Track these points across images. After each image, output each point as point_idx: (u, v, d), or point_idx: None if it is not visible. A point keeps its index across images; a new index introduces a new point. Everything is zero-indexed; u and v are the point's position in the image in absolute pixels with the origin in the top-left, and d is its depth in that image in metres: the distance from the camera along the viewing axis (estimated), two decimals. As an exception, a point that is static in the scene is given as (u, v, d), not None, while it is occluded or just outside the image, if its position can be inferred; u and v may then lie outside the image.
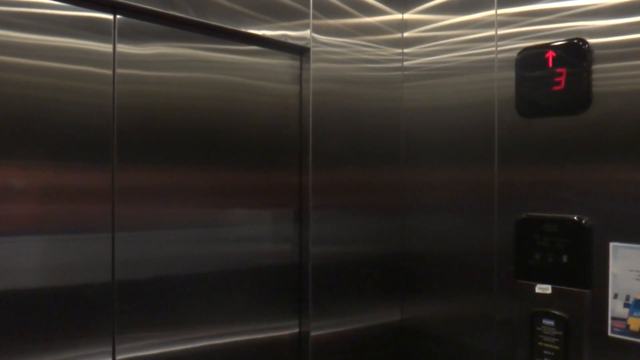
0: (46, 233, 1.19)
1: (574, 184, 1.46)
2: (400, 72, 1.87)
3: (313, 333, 1.63)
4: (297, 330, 1.66)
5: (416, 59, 1.85)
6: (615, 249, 1.38)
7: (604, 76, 1.41)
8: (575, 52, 1.45)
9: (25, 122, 1.16)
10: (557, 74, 1.48)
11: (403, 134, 1.87)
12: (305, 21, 1.61)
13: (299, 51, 1.63)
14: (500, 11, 1.62)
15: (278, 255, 1.62)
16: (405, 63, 1.87)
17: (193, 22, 1.38)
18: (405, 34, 1.87)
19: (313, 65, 1.63)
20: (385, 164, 1.85)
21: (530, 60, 1.55)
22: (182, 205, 1.40)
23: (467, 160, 1.70)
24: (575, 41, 1.46)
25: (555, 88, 1.49)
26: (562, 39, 1.49)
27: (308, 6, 1.61)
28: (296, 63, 1.64)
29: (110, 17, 1.27)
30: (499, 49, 1.62)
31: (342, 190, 1.73)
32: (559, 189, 1.49)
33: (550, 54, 1.50)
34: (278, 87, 1.61)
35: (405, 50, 1.88)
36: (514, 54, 1.57)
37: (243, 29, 1.47)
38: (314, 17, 1.63)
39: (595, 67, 1.42)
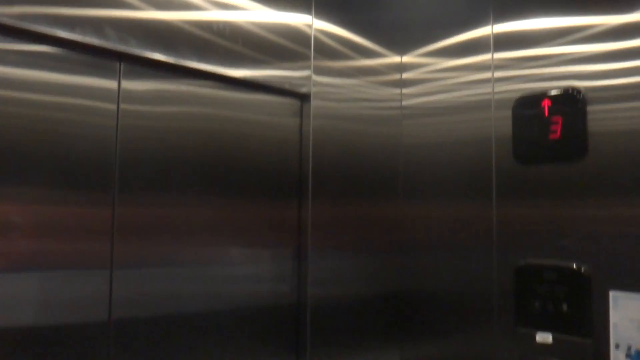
0: (42, 270, 1.18)
1: (573, 230, 1.46)
2: (399, 111, 1.90)
3: (311, 376, 1.61)
4: (294, 372, 1.63)
5: (414, 98, 1.88)
6: (615, 298, 1.36)
7: (600, 123, 1.42)
8: (570, 101, 1.48)
9: (29, 155, 1.17)
10: (553, 122, 1.50)
11: (402, 169, 1.88)
12: (307, 63, 1.65)
13: (300, 97, 1.66)
14: (496, 55, 1.66)
15: (276, 294, 1.61)
16: (404, 102, 1.90)
17: (196, 71, 1.41)
18: (404, 75, 1.91)
19: (313, 104, 1.65)
20: (384, 200, 1.86)
21: (527, 110, 1.57)
22: (181, 242, 1.40)
23: (465, 198, 1.70)
24: (570, 91, 1.48)
25: (552, 137, 1.50)
26: (557, 89, 1.51)
27: (309, 49, 1.65)
28: (297, 102, 1.66)
29: (116, 63, 1.30)
30: (496, 90, 1.64)
31: (341, 228, 1.72)
32: (558, 235, 1.49)
33: (546, 103, 1.52)
34: (278, 124, 1.62)
35: (404, 91, 1.91)
36: (510, 95, 1.60)
37: (246, 75, 1.50)
38: (315, 59, 1.66)
39: (590, 108, 1.43)
